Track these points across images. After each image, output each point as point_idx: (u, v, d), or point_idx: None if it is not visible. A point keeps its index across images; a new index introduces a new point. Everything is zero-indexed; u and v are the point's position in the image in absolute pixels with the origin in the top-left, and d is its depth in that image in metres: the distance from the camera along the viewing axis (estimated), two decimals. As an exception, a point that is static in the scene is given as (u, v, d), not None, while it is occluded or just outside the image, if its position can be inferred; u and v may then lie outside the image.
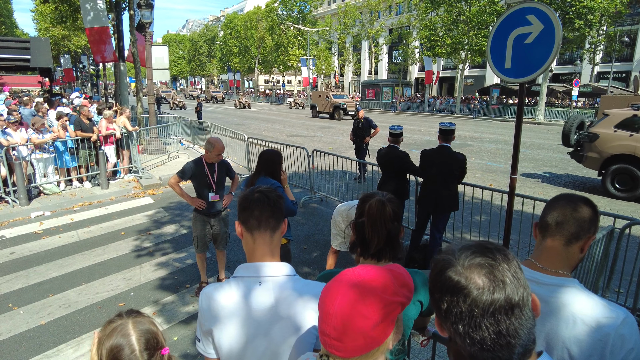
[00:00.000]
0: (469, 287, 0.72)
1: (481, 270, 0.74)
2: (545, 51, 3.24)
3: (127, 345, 1.20)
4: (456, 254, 0.78)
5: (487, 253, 0.76)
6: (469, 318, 0.72)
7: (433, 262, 0.82)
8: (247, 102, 44.79)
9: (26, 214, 7.18)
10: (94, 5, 12.67)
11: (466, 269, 0.74)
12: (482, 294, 0.72)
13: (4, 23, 51.26)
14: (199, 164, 4.26)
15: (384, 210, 1.50)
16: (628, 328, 1.16)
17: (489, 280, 0.72)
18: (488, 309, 0.71)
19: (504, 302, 0.71)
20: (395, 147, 5.22)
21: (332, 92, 32.66)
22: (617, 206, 7.83)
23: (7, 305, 4.26)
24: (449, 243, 5.40)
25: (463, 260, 0.76)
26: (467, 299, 0.72)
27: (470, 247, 0.78)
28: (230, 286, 1.32)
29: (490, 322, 0.72)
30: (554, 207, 1.34)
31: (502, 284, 0.72)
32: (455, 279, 0.74)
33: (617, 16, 27.99)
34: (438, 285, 0.77)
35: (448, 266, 0.77)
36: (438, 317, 0.80)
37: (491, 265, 0.74)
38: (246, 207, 1.36)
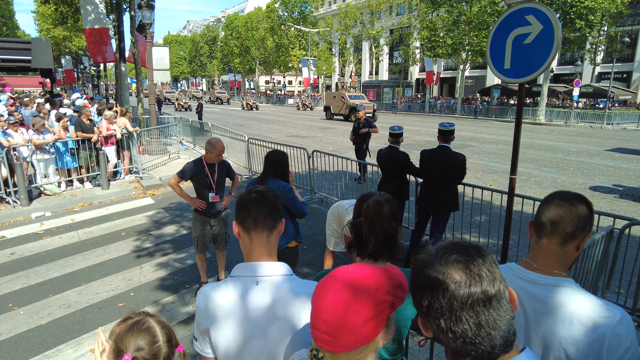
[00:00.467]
0: (446, 282, 0.75)
1: (458, 266, 0.77)
2: (545, 51, 3.24)
3: (152, 336, 1.20)
4: (433, 253, 0.81)
5: (463, 250, 0.80)
6: (449, 312, 0.75)
7: (412, 263, 0.84)
8: (254, 103, 42.69)
9: (27, 214, 7.19)
10: (94, 7, 12.70)
11: (443, 265, 0.78)
12: (459, 287, 0.75)
13: (5, 24, 51.36)
14: (199, 164, 4.27)
15: (381, 211, 1.51)
16: (624, 327, 1.16)
17: (465, 275, 0.76)
18: (466, 301, 0.74)
19: (481, 295, 0.74)
20: (395, 148, 5.23)
21: (349, 92, 30.41)
22: (617, 206, 7.82)
23: (7, 306, 4.27)
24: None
25: (440, 258, 0.79)
26: (446, 294, 0.75)
27: (447, 245, 0.82)
28: (227, 286, 1.32)
29: (470, 315, 0.74)
30: (549, 206, 1.33)
31: (478, 277, 0.76)
32: (434, 275, 0.77)
33: (618, 16, 27.97)
34: (418, 283, 0.80)
35: (426, 265, 0.80)
36: (421, 316, 0.83)
37: (467, 260, 0.77)
38: (243, 207, 1.36)
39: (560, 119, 28.49)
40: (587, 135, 21.17)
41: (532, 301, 1.30)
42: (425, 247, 0.86)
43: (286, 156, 3.50)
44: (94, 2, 12.74)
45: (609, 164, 12.53)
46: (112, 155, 9.33)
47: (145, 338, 1.18)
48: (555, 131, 23.04)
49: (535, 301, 1.29)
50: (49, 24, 33.40)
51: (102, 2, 12.90)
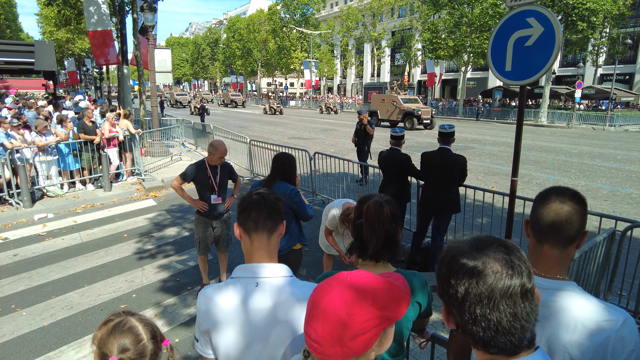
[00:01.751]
0: (486, 271, 0.78)
1: (497, 256, 0.80)
2: (546, 54, 3.25)
3: (135, 335, 1.17)
4: (467, 243, 0.84)
5: (501, 242, 0.83)
6: (488, 299, 0.77)
7: (443, 252, 0.87)
8: (279, 107, 38.39)
9: (29, 216, 7.22)
10: (97, 9, 12.76)
11: (482, 255, 0.80)
12: (500, 278, 0.78)
13: (9, 27, 51.68)
14: (201, 166, 4.28)
15: (381, 212, 1.52)
16: (628, 330, 1.16)
17: (506, 266, 0.79)
18: (506, 291, 0.77)
19: (519, 287, 0.78)
20: (397, 150, 5.23)
21: (401, 95, 26.55)
22: (619, 208, 7.80)
23: (10, 307, 4.29)
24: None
25: (477, 248, 0.82)
26: (488, 281, 0.78)
27: (482, 237, 0.85)
28: (228, 288, 1.33)
29: (508, 304, 0.77)
30: (548, 208, 1.32)
31: (519, 269, 0.79)
32: (472, 264, 0.80)
33: (620, 18, 27.92)
34: (454, 270, 0.82)
35: (461, 253, 0.82)
36: (449, 305, 0.85)
37: (507, 252, 0.80)
38: (244, 209, 1.37)
39: (563, 121, 28.43)
40: (589, 137, 21.13)
41: None
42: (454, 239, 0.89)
43: (294, 159, 3.50)
44: (97, 5, 12.80)
45: (611, 165, 12.50)
46: (115, 157, 9.36)
47: (129, 338, 1.15)
48: (557, 133, 23.00)
49: (539, 305, 1.29)
50: (52, 26, 33.58)
51: (105, 4, 12.96)
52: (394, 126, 24.23)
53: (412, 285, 1.58)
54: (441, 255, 0.88)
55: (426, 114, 24.10)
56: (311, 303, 0.85)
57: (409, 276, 1.59)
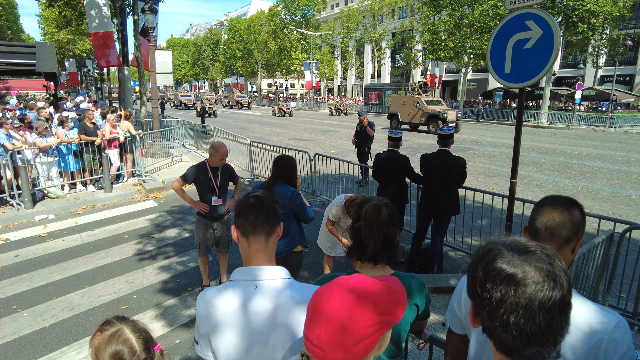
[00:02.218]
0: (526, 280, 0.75)
1: (539, 265, 0.77)
2: (545, 57, 3.27)
3: (129, 347, 1.25)
4: (507, 246, 0.81)
5: (543, 249, 0.80)
6: (525, 309, 0.75)
7: (480, 251, 0.84)
8: (288, 109, 36.66)
9: (30, 217, 7.24)
10: (99, 12, 12.81)
11: (522, 261, 0.78)
12: (541, 289, 0.75)
13: (10, 28, 51.77)
14: (202, 167, 4.30)
15: (379, 215, 1.53)
16: (621, 332, 1.17)
17: (547, 277, 0.76)
18: (546, 303, 0.74)
19: (559, 300, 0.75)
20: (395, 152, 5.22)
21: (424, 96, 24.42)
22: (618, 210, 7.81)
23: (11, 308, 4.31)
24: (451, 247, 5.35)
25: (517, 253, 0.79)
26: (527, 291, 0.75)
27: (519, 240, 0.82)
28: (227, 290, 1.34)
29: (545, 316, 0.75)
30: (542, 212, 1.35)
31: (560, 281, 0.76)
32: (511, 271, 0.77)
33: (620, 20, 27.95)
34: (491, 275, 0.79)
35: (500, 256, 0.80)
36: (479, 307, 0.82)
37: (549, 262, 0.78)
38: (241, 212, 1.38)
39: (563, 122, 28.44)
40: (590, 138, 21.13)
41: None
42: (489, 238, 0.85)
43: (294, 161, 3.51)
44: (98, 7, 12.84)
45: (611, 167, 12.51)
46: (115, 158, 9.39)
47: (123, 350, 1.23)
48: (557, 134, 23.00)
49: None
50: (53, 27, 33.65)
51: (106, 6, 13.00)
52: (413, 129, 24.13)
53: (409, 287, 1.60)
54: (477, 255, 0.84)
55: (452, 117, 22.10)
56: (312, 308, 0.85)
57: (406, 279, 1.61)
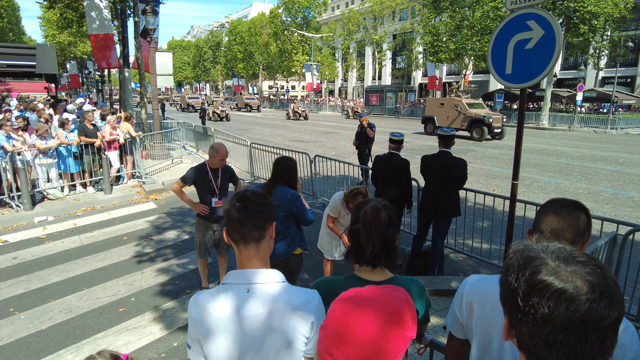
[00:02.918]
0: (580, 297, 0.67)
1: (591, 279, 0.69)
2: (546, 57, 3.23)
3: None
4: (551, 253, 0.73)
5: (594, 262, 0.72)
6: (577, 328, 0.67)
7: (520, 258, 0.75)
8: (304, 111, 34.76)
9: (30, 218, 7.21)
10: (99, 13, 12.82)
11: (571, 274, 0.70)
12: (597, 307, 0.67)
13: (11, 30, 51.96)
14: (202, 169, 4.27)
15: (378, 217, 1.50)
16: (628, 337, 1.14)
17: (604, 293, 0.68)
18: (601, 322, 0.67)
19: (615, 320, 0.67)
20: (396, 154, 5.13)
21: (464, 98, 21.68)
22: (620, 212, 7.76)
23: (8, 310, 4.27)
24: (452, 249, 5.31)
25: (562, 262, 0.71)
26: (580, 309, 0.67)
27: (565, 249, 0.74)
28: (219, 294, 1.31)
29: (598, 336, 0.67)
30: (547, 214, 1.32)
31: (617, 299, 0.69)
32: (561, 286, 0.69)
33: (621, 21, 27.95)
34: (537, 288, 0.71)
35: (544, 266, 0.72)
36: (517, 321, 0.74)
37: (602, 277, 0.70)
38: (228, 221, 1.35)
39: (564, 124, 28.39)
40: (591, 140, 21.08)
41: None
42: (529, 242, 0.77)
43: (295, 163, 3.48)
44: (99, 8, 12.85)
45: (613, 168, 12.46)
46: (115, 159, 9.37)
47: None
48: (558, 136, 22.96)
49: None
50: (54, 29, 33.72)
51: (107, 8, 13.01)
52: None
53: (410, 292, 1.56)
54: (516, 262, 0.75)
55: (497, 122, 19.70)
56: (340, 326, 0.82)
57: (406, 283, 1.57)
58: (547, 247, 0.75)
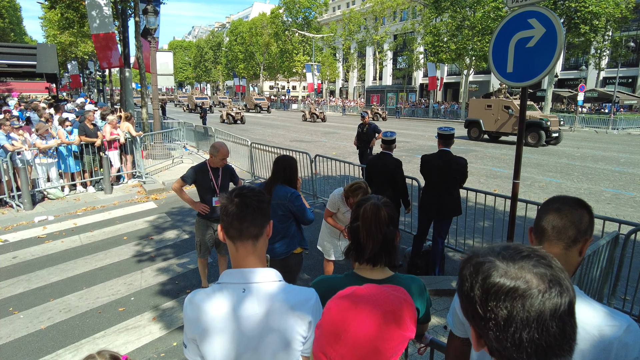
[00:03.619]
0: (531, 290, 0.69)
1: (538, 271, 0.71)
2: (548, 55, 3.21)
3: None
4: (498, 254, 0.74)
5: (537, 253, 0.74)
6: (537, 322, 0.69)
7: (470, 267, 0.76)
8: (321, 112, 32.88)
9: (30, 218, 7.21)
10: (99, 12, 12.82)
11: (520, 270, 0.71)
12: (549, 297, 0.69)
13: (13, 30, 52.05)
14: (203, 168, 4.26)
15: (379, 214, 1.48)
16: (632, 336, 1.12)
17: (551, 282, 0.70)
18: (556, 311, 0.69)
19: (568, 305, 0.70)
20: (388, 154, 5.07)
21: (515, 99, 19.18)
22: (622, 212, 7.73)
23: (7, 310, 4.26)
24: (452, 249, 5.29)
25: (509, 261, 0.73)
26: (535, 303, 0.69)
27: (509, 246, 0.76)
28: (215, 294, 1.28)
29: (558, 325, 0.69)
30: (549, 211, 1.30)
31: (565, 284, 0.71)
32: (512, 284, 0.70)
33: (622, 21, 27.89)
34: (492, 292, 0.72)
35: (494, 269, 0.73)
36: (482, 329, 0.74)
37: (548, 266, 0.72)
38: (225, 216, 1.31)
39: (565, 124, 28.34)
40: (592, 140, 21.04)
41: None
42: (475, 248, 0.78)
43: (295, 162, 3.46)
44: (100, 8, 12.86)
45: (614, 169, 12.43)
46: (116, 159, 9.36)
47: None
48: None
49: None
50: (55, 29, 33.76)
51: (108, 7, 13.01)
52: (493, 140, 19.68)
53: (410, 290, 1.54)
54: (467, 271, 0.76)
55: (554, 125, 17.69)
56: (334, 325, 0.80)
57: (406, 281, 1.55)
58: (493, 249, 0.76)
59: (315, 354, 0.82)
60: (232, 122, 28.88)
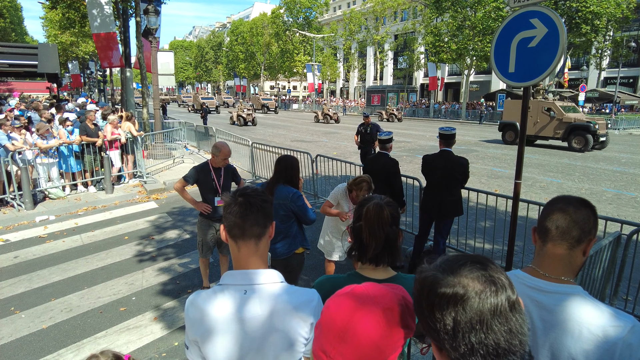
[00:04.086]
0: (469, 294, 0.72)
1: (474, 274, 0.74)
2: (550, 55, 3.20)
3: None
4: (440, 269, 0.77)
5: (472, 258, 0.76)
6: (480, 324, 0.71)
7: (417, 285, 0.79)
8: (335, 114, 30.89)
9: (31, 218, 7.21)
10: (100, 11, 12.82)
11: (458, 277, 0.74)
12: (485, 297, 0.72)
13: (14, 30, 52.08)
14: (205, 168, 4.25)
15: (381, 214, 1.47)
16: (636, 337, 1.12)
17: (487, 283, 0.73)
18: (496, 309, 0.71)
19: (506, 302, 0.72)
20: (385, 154, 5.04)
21: (560, 101, 18.23)
22: (623, 212, 7.72)
23: (9, 309, 4.26)
24: (454, 249, 5.28)
25: (450, 272, 0.75)
26: (473, 304, 0.72)
27: (452, 258, 0.79)
28: (216, 295, 1.28)
29: (501, 322, 0.71)
30: (553, 210, 1.30)
31: (500, 283, 0.73)
32: (451, 291, 0.73)
33: (623, 21, 27.90)
34: (436, 303, 0.75)
35: (436, 282, 0.75)
36: (439, 341, 0.76)
37: (482, 268, 0.74)
38: (228, 215, 1.30)
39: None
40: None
41: (540, 310, 1.26)
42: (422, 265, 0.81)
43: (297, 162, 3.46)
44: (100, 6, 12.86)
45: (616, 169, 12.42)
46: (117, 159, 9.36)
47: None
48: (561, 136, 22.86)
49: (543, 310, 1.25)
50: (56, 29, 33.78)
51: (109, 7, 13.00)
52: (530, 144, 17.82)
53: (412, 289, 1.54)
54: (416, 290, 0.80)
55: (602, 129, 16.25)
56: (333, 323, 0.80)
57: (409, 281, 1.55)
58: (435, 263, 0.80)
59: (315, 353, 0.82)
60: (242, 124, 27.01)
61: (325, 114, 30.40)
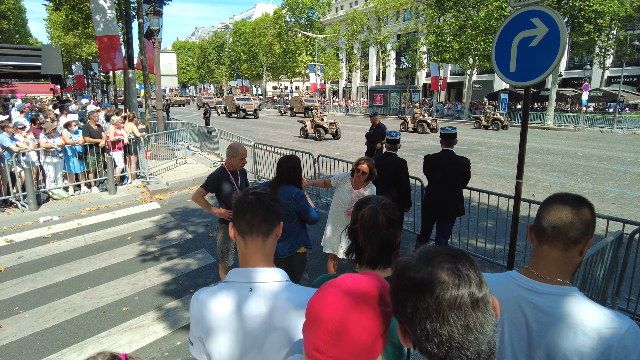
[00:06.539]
0: (433, 282, 0.73)
1: (444, 266, 0.75)
2: (550, 54, 3.20)
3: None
4: (416, 255, 0.79)
5: (449, 252, 0.78)
6: (436, 312, 0.72)
7: (394, 266, 0.82)
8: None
9: (35, 218, 7.26)
10: (104, 16, 12.88)
11: (428, 266, 0.75)
12: (447, 288, 0.72)
13: (18, 32, 52.32)
14: (223, 173, 4.08)
15: (376, 219, 1.47)
16: (632, 339, 1.11)
17: (453, 275, 0.73)
18: (454, 302, 0.72)
19: (468, 297, 0.72)
20: (393, 154, 5.06)
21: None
22: (626, 211, 7.69)
23: (13, 309, 4.30)
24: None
25: (424, 260, 0.77)
26: (433, 294, 0.72)
27: (431, 248, 0.80)
28: (221, 292, 1.29)
29: (458, 316, 0.72)
30: (549, 210, 1.27)
31: (466, 278, 0.74)
32: (418, 276, 0.75)
33: (627, 20, 27.74)
34: (401, 286, 0.77)
35: (409, 266, 0.77)
36: (402, 323, 0.79)
37: (453, 261, 0.75)
38: (238, 210, 1.33)
39: (569, 124, 28.20)
40: (597, 139, 20.93)
41: (535, 312, 1.25)
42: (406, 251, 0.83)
43: (299, 162, 3.46)
44: (104, 11, 12.92)
45: (619, 168, 12.36)
46: (120, 160, 9.40)
47: None
48: (563, 136, 22.81)
49: (538, 312, 1.24)
50: (60, 31, 33.96)
51: (112, 10, 13.07)
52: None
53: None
54: (393, 272, 0.82)
55: None
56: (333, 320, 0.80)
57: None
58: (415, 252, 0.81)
59: (308, 354, 0.82)
60: (321, 137, 19.21)
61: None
